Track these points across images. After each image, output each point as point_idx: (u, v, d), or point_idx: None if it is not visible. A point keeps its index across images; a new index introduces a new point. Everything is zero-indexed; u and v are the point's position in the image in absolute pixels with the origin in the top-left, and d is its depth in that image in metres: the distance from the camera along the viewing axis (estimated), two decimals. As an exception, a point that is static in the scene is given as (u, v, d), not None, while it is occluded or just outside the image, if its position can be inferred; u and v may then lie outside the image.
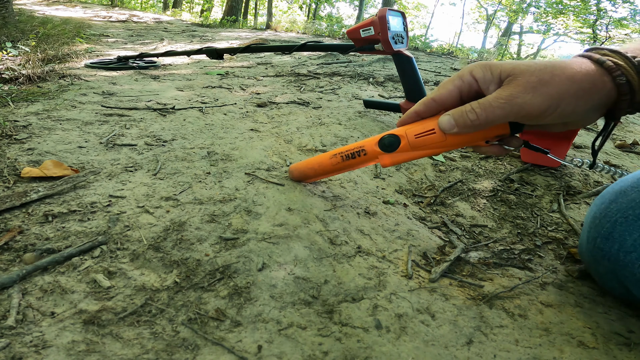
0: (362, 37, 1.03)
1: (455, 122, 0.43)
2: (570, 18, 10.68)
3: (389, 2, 8.99)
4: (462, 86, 0.43)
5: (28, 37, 2.12)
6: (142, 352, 0.35)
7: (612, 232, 0.45)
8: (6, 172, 0.63)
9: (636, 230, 0.43)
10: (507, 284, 0.51)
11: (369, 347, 0.38)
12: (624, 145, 1.15)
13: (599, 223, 0.47)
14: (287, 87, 1.51)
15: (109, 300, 0.40)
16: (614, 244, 0.45)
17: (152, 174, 0.68)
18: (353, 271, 0.49)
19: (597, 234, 0.47)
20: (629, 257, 0.43)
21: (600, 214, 0.47)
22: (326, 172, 0.62)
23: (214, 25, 5.76)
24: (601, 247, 0.46)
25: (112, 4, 9.71)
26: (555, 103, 0.38)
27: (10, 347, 0.34)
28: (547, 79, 0.38)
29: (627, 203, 0.45)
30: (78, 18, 4.48)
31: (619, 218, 0.45)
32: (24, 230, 0.50)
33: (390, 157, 0.51)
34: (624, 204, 0.45)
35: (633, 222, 0.43)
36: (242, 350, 0.36)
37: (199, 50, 1.48)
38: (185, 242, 0.50)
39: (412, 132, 0.48)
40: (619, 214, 0.45)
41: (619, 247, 0.44)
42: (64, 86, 1.23)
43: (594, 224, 0.48)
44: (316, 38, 4.16)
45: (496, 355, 0.39)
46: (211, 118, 1.01)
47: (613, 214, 0.46)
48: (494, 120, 0.40)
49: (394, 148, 0.50)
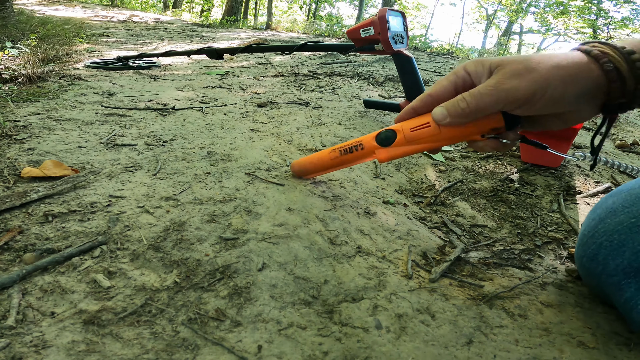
0: (362, 37, 1.03)
1: (448, 112, 0.43)
2: (570, 18, 10.69)
3: (389, 2, 8.99)
4: (456, 81, 0.45)
5: (28, 37, 2.12)
6: (142, 352, 0.35)
7: (597, 254, 0.45)
8: (6, 172, 0.63)
9: (619, 255, 0.43)
10: (507, 284, 0.51)
11: (369, 347, 0.38)
12: (624, 145, 1.15)
13: (586, 242, 0.48)
14: (287, 87, 1.51)
15: (109, 300, 0.40)
16: (598, 266, 0.45)
17: (152, 174, 0.68)
18: (353, 271, 0.49)
19: (583, 253, 0.48)
20: (611, 280, 0.43)
21: (589, 233, 0.48)
22: (325, 168, 0.62)
23: (214, 25, 5.76)
24: (587, 267, 0.47)
25: (112, 4, 9.70)
26: (542, 88, 0.38)
27: (10, 347, 0.34)
28: (534, 66, 0.38)
29: (614, 226, 0.45)
30: (78, 18, 4.48)
31: (604, 241, 0.45)
32: (24, 230, 0.50)
33: (386, 151, 0.51)
34: (611, 226, 0.45)
35: (617, 247, 0.43)
36: (242, 350, 0.36)
37: (199, 51, 1.48)
38: (185, 242, 0.50)
39: (408, 126, 0.49)
40: (604, 236, 0.45)
41: (602, 269, 0.44)
42: (64, 86, 1.23)
43: (582, 242, 0.49)
44: (316, 38, 4.16)
45: (496, 355, 0.39)
46: (211, 118, 1.01)
47: (599, 236, 0.46)
48: (484, 108, 0.41)
49: (390, 142, 0.50)
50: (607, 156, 1.01)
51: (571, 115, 0.42)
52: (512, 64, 0.40)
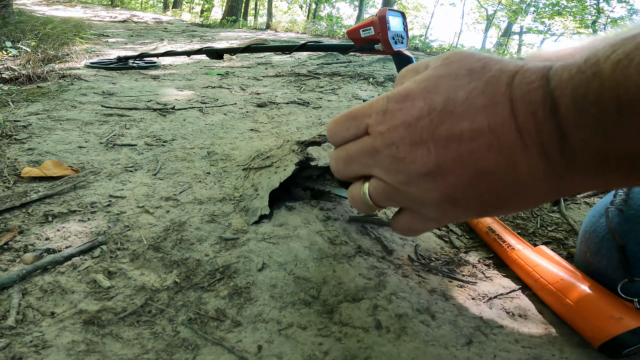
0: (362, 37, 1.03)
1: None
2: (568, 19, 10.69)
3: (389, 2, 9.00)
4: None
5: (28, 37, 2.12)
6: (142, 352, 0.35)
7: (600, 247, 0.45)
8: (6, 172, 0.63)
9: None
10: (507, 284, 0.51)
11: (369, 347, 0.38)
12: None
13: (589, 237, 0.47)
14: (287, 87, 1.51)
15: (109, 300, 0.40)
16: (603, 260, 0.45)
17: (152, 174, 0.67)
18: (353, 271, 0.49)
19: (587, 248, 0.47)
20: (616, 273, 0.43)
21: (591, 228, 0.47)
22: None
23: (214, 26, 5.76)
24: (591, 261, 0.47)
25: (112, 4, 9.71)
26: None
27: (10, 347, 0.34)
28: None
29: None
30: (78, 18, 4.48)
31: (606, 234, 0.45)
32: (24, 230, 0.50)
33: None
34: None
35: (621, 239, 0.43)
36: (242, 350, 0.36)
37: (199, 51, 1.47)
38: (185, 242, 0.50)
39: None
40: (607, 229, 0.45)
41: (607, 262, 0.44)
42: (64, 86, 1.23)
43: (585, 238, 0.48)
44: (316, 38, 4.16)
45: (496, 355, 0.39)
46: (211, 118, 1.01)
47: (602, 229, 0.46)
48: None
49: None
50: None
51: None
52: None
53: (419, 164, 0.22)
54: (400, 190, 0.24)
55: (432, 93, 0.22)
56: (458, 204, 0.23)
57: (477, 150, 0.21)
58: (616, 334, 0.37)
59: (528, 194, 0.22)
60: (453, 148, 0.21)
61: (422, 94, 0.23)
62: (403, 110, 0.23)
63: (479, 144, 0.21)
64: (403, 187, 0.24)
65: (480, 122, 0.21)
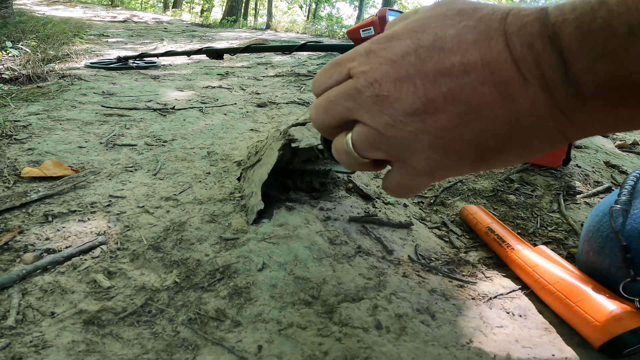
0: (362, 37, 1.03)
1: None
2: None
3: (389, 2, 9.00)
4: None
5: (28, 37, 2.12)
6: (142, 352, 0.35)
7: (603, 247, 0.45)
8: (6, 172, 0.63)
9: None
10: (507, 284, 0.51)
11: (369, 347, 0.38)
12: (624, 145, 1.15)
13: (591, 237, 0.47)
14: (287, 87, 1.51)
15: (109, 300, 0.40)
16: (606, 259, 0.45)
17: (152, 174, 0.68)
18: (353, 271, 0.49)
19: (589, 247, 0.47)
20: (620, 272, 0.43)
21: (593, 227, 0.47)
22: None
23: (214, 26, 5.76)
24: (593, 261, 0.46)
25: (112, 4, 9.71)
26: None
27: (10, 347, 0.34)
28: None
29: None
30: (78, 18, 4.48)
31: (610, 233, 0.45)
32: (24, 230, 0.50)
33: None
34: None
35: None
36: (242, 350, 0.36)
37: (199, 51, 1.48)
38: (185, 242, 0.50)
39: None
40: (610, 228, 0.45)
41: (610, 262, 0.44)
42: (64, 86, 1.23)
43: (587, 237, 0.48)
44: (316, 38, 4.16)
45: (496, 356, 0.39)
46: (211, 118, 1.01)
47: (605, 228, 0.45)
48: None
49: None
50: (607, 156, 1.01)
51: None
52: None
53: (404, 102, 0.20)
54: (385, 135, 0.22)
55: (419, 32, 0.21)
56: (451, 150, 0.21)
57: (469, 85, 0.19)
58: (616, 334, 0.37)
59: (530, 135, 0.20)
60: (443, 83, 0.20)
61: (409, 34, 0.21)
62: (387, 49, 0.21)
63: (471, 78, 0.19)
64: (388, 131, 0.22)
65: (472, 55, 0.19)
